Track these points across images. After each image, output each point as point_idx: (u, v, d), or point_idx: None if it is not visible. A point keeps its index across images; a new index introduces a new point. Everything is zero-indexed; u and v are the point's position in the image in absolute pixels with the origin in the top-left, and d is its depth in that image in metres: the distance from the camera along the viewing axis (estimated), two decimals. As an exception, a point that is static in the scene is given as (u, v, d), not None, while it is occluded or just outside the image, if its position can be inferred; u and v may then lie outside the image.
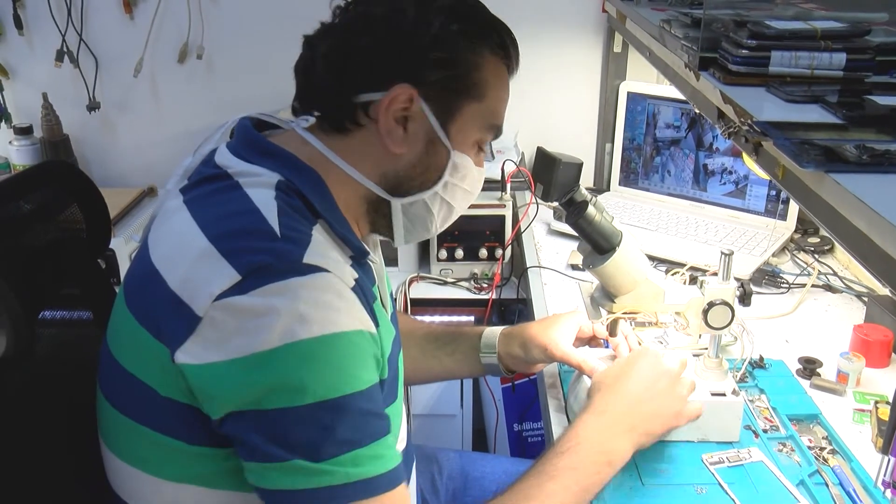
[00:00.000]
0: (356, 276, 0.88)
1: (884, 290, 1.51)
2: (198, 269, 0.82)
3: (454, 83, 0.94)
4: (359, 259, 0.94)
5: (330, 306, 0.82)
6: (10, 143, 2.18)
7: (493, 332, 1.29)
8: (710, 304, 1.16)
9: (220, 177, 0.92)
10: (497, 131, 1.01)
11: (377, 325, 0.89)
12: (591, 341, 1.28)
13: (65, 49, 2.15)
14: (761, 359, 1.36)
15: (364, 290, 0.89)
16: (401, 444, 1.05)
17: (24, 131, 2.16)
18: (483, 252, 1.84)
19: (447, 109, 0.94)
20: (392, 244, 1.04)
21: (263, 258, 0.81)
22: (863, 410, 1.24)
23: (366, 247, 0.96)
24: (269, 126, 1.02)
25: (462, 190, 1.01)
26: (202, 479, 0.89)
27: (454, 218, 1.05)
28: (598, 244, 1.23)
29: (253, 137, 0.95)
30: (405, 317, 1.37)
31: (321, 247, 0.86)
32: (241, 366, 0.79)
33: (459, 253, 1.84)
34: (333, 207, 0.93)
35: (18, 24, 2.15)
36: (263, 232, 0.83)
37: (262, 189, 0.88)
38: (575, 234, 1.25)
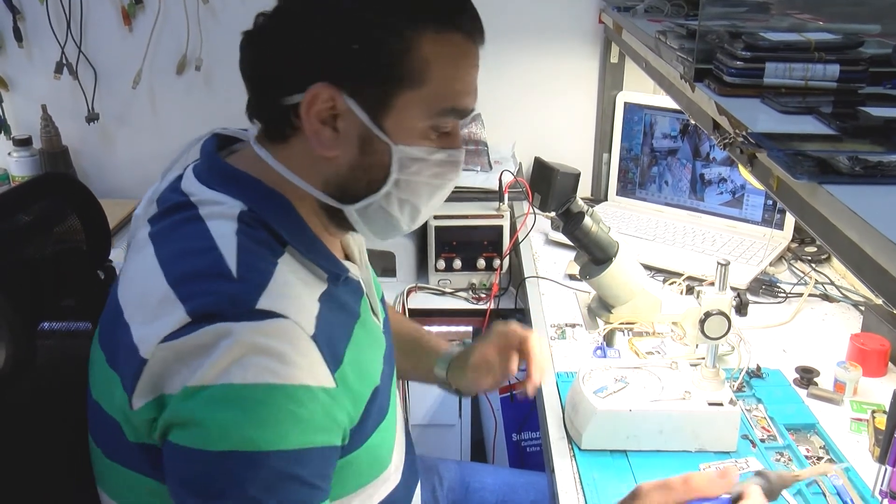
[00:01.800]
0: (315, 311, 0.84)
1: (880, 300, 1.51)
2: (156, 317, 0.79)
3: (380, 73, 0.85)
4: (336, 281, 0.91)
5: (276, 355, 0.77)
6: (9, 154, 2.18)
7: (447, 356, 1.25)
8: (707, 314, 1.16)
9: (184, 206, 0.88)
10: (458, 114, 0.91)
11: (342, 362, 0.85)
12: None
13: (64, 61, 2.16)
14: (758, 368, 1.36)
15: (330, 328, 0.85)
16: (398, 457, 1.04)
17: (24, 143, 2.17)
18: (481, 262, 1.84)
19: (379, 102, 0.86)
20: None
21: (214, 302, 0.78)
22: (860, 420, 1.24)
23: (346, 263, 0.93)
24: (236, 139, 0.99)
25: (422, 184, 0.91)
26: None
27: (427, 213, 0.97)
28: (594, 255, 1.24)
29: (214, 162, 0.92)
30: (395, 313, 1.33)
31: (283, 287, 0.82)
32: (176, 397, 0.77)
33: (457, 263, 1.84)
34: (302, 231, 0.89)
35: (18, 37, 2.16)
36: (219, 274, 0.80)
37: (223, 222, 0.85)
38: (573, 244, 1.26)
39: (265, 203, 0.88)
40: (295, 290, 0.83)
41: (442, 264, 1.84)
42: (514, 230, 1.88)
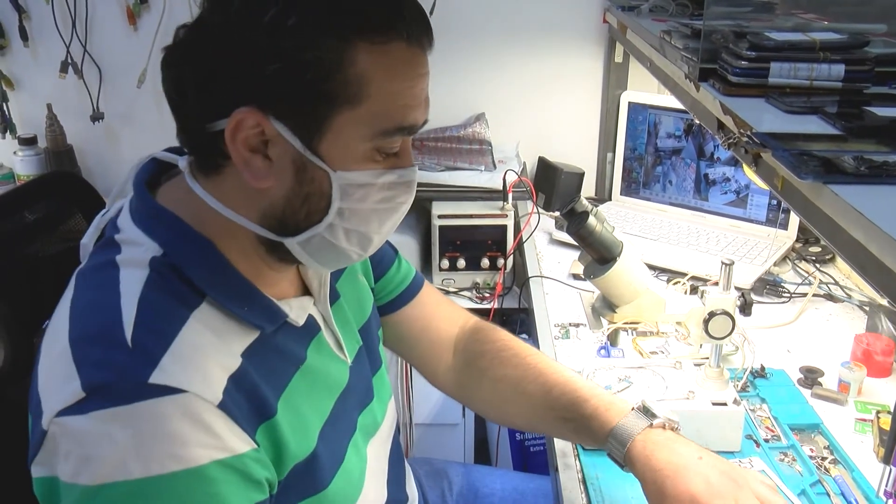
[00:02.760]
0: (236, 369, 0.77)
1: (885, 300, 1.51)
2: (53, 374, 0.74)
3: (310, 93, 0.75)
4: (268, 327, 0.83)
5: (174, 438, 0.71)
6: (14, 153, 2.19)
7: (629, 428, 0.95)
8: (711, 314, 1.16)
9: (109, 244, 0.82)
10: (406, 131, 0.81)
11: (274, 413, 0.80)
12: None
13: (69, 60, 2.16)
14: (762, 368, 1.36)
15: (255, 383, 0.79)
16: (375, 494, 1.00)
17: (29, 142, 2.17)
18: (485, 262, 1.84)
19: (311, 126, 0.77)
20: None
21: (106, 376, 0.71)
22: (864, 420, 1.24)
23: (278, 309, 0.85)
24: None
25: (369, 210, 0.82)
26: None
27: (380, 240, 0.88)
28: (599, 254, 1.24)
29: (141, 196, 0.84)
30: (518, 352, 1.11)
31: (186, 351, 0.74)
32: (71, 491, 0.71)
33: (461, 263, 1.84)
34: (226, 277, 0.81)
35: (24, 36, 2.16)
36: (113, 341, 0.73)
37: (134, 270, 0.78)
38: (577, 243, 1.26)
39: (184, 246, 0.80)
40: (202, 353, 0.76)
41: (446, 263, 1.84)
42: (517, 229, 1.88)
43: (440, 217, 1.82)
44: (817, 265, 1.78)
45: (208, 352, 0.76)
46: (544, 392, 1.05)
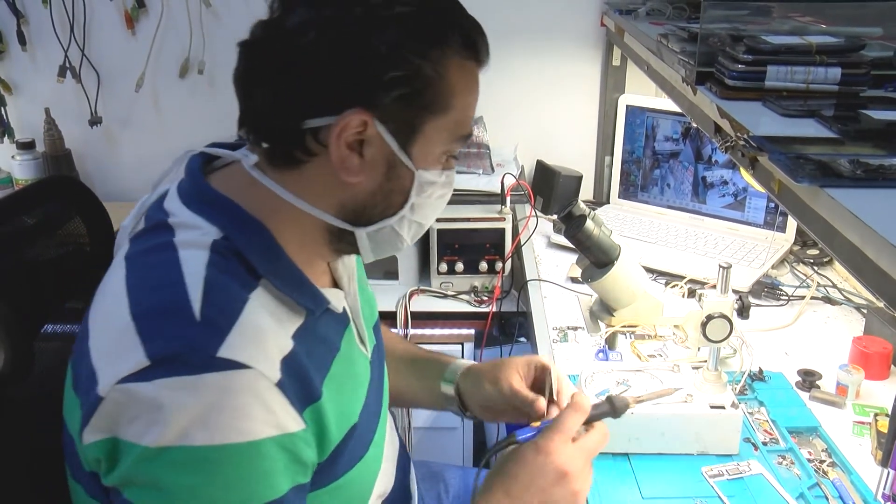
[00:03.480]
0: (287, 350, 0.81)
1: (882, 303, 1.51)
2: (115, 345, 0.77)
3: (413, 101, 0.82)
4: (317, 314, 0.87)
5: (238, 411, 0.74)
6: (12, 157, 2.19)
7: (462, 363, 1.18)
8: (709, 317, 1.16)
9: (160, 227, 0.85)
10: (467, 139, 0.91)
11: (319, 397, 0.83)
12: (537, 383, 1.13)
13: (67, 64, 2.17)
14: (760, 371, 1.36)
15: (301, 366, 0.82)
16: (383, 487, 1.03)
17: (27, 146, 2.17)
18: (483, 265, 1.84)
19: (407, 129, 0.84)
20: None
21: (175, 347, 0.74)
22: (862, 423, 1.24)
23: (329, 293, 0.90)
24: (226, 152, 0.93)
25: (430, 206, 0.92)
26: None
27: (424, 231, 0.97)
28: (596, 258, 1.24)
29: (197, 182, 0.88)
30: (389, 334, 1.27)
31: (249, 329, 0.78)
32: (133, 451, 0.74)
33: (460, 266, 1.84)
34: (280, 262, 0.85)
35: (22, 40, 2.17)
36: (182, 314, 0.76)
37: (195, 252, 0.81)
38: (574, 247, 1.26)
39: (242, 231, 0.84)
40: (262, 333, 0.79)
41: (444, 267, 1.84)
42: (516, 233, 1.88)
43: (438, 220, 1.82)
44: (815, 268, 1.78)
45: (267, 332, 0.80)
46: (406, 351, 1.25)
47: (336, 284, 0.98)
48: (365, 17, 0.80)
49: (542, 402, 1.06)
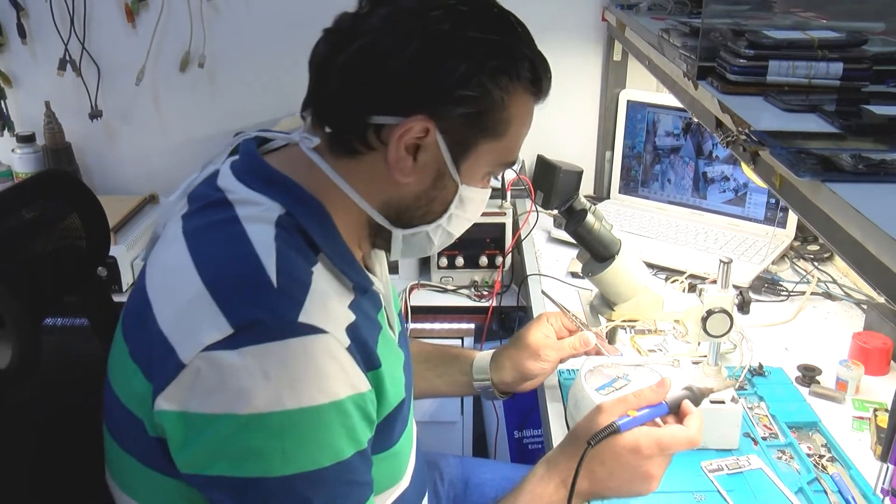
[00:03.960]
0: (352, 320, 0.85)
1: (882, 298, 1.51)
2: (189, 314, 0.79)
3: (475, 121, 0.88)
4: (363, 293, 0.92)
5: (321, 373, 0.79)
6: (12, 151, 2.18)
7: (484, 357, 1.29)
8: (709, 312, 1.16)
9: (220, 203, 0.88)
10: (512, 165, 0.98)
11: (378, 364, 0.88)
12: (572, 333, 1.29)
13: (67, 58, 2.16)
14: (760, 366, 1.36)
15: (362, 335, 0.86)
16: (411, 464, 1.06)
17: (27, 139, 2.17)
18: (483, 260, 1.84)
19: (463, 145, 0.90)
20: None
21: (258, 313, 0.78)
22: (862, 418, 1.24)
23: (370, 276, 0.94)
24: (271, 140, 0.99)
25: (464, 219, 0.98)
26: None
27: (451, 242, 1.02)
28: (597, 252, 1.24)
29: (255, 162, 0.92)
30: (413, 341, 1.33)
31: (320, 296, 0.82)
32: (220, 423, 0.77)
33: (460, 260, 1.84)
34: (336, 240, 0.90)
35: (22, 33, 2.16)
36: (260, 282, 0.80)
37: (261, 226, 0.85)
38: (575, 241, 1.26)
39: (302, 208, 0.88)
40: (330, 301, 0.84)
41: (444, 262, 1.84)
42: (516, 228, 1.88)
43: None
44: (815, 263, 1.78)
45: (333, 302, 0.85)
46: (417, 350, 1.30)
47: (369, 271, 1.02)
48: (451, 34, 0.85)
49: (584, 335, 1.22)
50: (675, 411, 1.03)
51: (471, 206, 0.97)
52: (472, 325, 1.83)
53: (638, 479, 0.99)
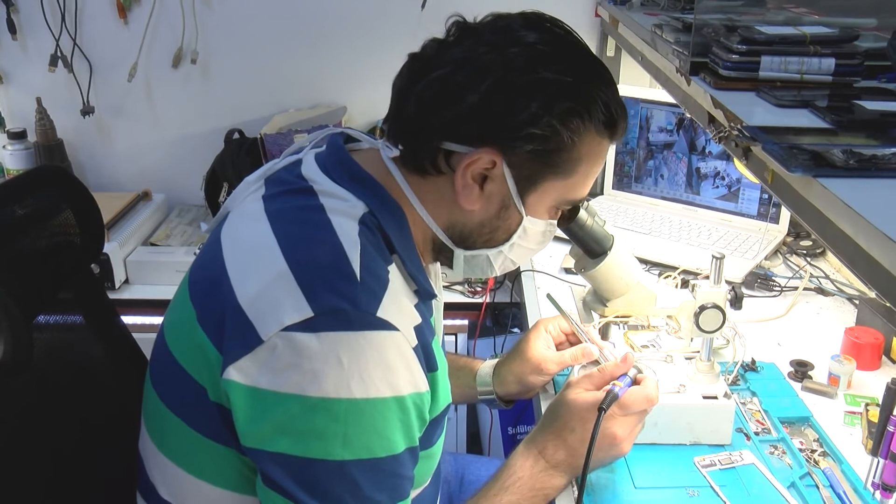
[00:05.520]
0: (419, 321, 0.88)
1: (874, 293, 1.52)
2: (271, 292, 0.81)
3: (542, 158, 0.90)
4: (425, 299, 0.94)
5: (391, 368, 0.82)
6: (3, 147, 2.18)
7: (487, 370, 1.30)
8: (702, 308, 1.16)
9: (304, 191, 0.91)
10: (578, 202, 1.00)
11: (436, 367, 0.91)
12: (570, 337, 1.27)
13: (59, 54, 2.15)
14: (753, 362, 1.37)
15: (426, 337, 0.89)
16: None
17: (19, 136, 2.16)
18: (477, 256, 1.84)
19: (529, 180, 0.92)
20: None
21: (340, 302, 0.80)
22: (853, 413, 1.24)
23: (433, 289, 0.96)
24: (353, 138, 1.02)
25: (528, 249, 1.00)
26: (243, 487, 0.89)
27: (513, 269, 1.05)
28: (589, 248, 1.24)
29: (343, 158, 0.95)
30: None
31: (395, 295, 0.85)
32: (289, 401, 0.79)
33: (453, 257, 1.84)
34: (410, 246, 0.93)
35: (12, 29, 2.15)
36: (344, 272, 0.82)
37: (346, 220, 0.87)
38: (567, 237, 1.26)
39: (384, 210, 0.91)
40: (403, 301, 0.87)
41: (438, 258, 1.84)
42: (510, 224, 1.88)
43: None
44: (808, 259, 1.79)
45: (405, 302, 0.88)
46: None
47: None
48: (526, 73, 0.86)
49: (586, 347, 1.19)
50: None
51: (534, 238, 0.98)
52: (466, 322, 1.83)
53: (606, 442, 1.02)
